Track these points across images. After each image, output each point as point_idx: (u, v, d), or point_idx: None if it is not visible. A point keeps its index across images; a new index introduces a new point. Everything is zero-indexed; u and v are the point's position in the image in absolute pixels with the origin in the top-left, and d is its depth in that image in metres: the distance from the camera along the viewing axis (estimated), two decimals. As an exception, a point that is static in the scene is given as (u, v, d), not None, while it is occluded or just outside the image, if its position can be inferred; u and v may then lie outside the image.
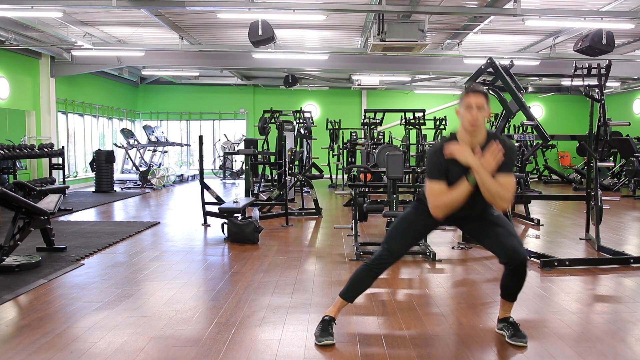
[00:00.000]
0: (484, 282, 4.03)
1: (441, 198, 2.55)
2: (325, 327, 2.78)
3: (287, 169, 7.30)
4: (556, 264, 4.38)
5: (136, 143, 12.98)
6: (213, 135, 15.97)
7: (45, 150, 9.37)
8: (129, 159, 13.20)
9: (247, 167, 7.57)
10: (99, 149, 11.36)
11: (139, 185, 12.08)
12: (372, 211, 5.25)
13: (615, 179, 11.63)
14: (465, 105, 2.53)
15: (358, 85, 14.01)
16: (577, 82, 5.45)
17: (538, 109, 16.12)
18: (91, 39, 9.69)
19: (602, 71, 5.20)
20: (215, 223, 6.42)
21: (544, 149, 13.69)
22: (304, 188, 8.77)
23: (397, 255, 2.76)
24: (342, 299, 2.84)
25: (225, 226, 5.64)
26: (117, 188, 11.50)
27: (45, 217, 4.63)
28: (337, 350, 2.66)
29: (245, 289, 3.75)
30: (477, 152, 2.54)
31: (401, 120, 11.57)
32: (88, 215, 7.61)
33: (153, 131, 13.32)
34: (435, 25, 8.92)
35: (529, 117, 4.75)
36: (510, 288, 2.75)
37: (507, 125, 5.73)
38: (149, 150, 13.25)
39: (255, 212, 6.34)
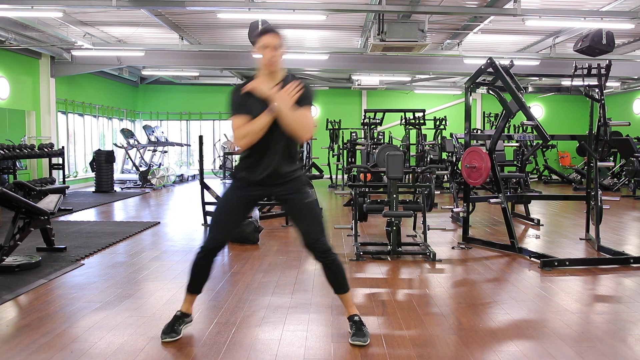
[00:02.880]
0: (484, 282, 4.03)
1: (243, 128, 2.60)
2: (173, 323, 2.81)
3: (287, 169, 7.28)
4: (556, 264, 4.38)
5: (136, 143, 12.97)
6: (213, 135, 15.98)
7: (45, 150, 9.37)
8: (129, 159, 13.20)
9: (247, 167, 7.55)
10: (99, 149, 11.35)
11: (139, 185, 12.08)
12: (372, 211, 5.24)
13: (615, 179, 11.63)
14: (261, 46, 2.60)
15: (358, 85, 14.01)
16: (577, 82, 5.45)
17: (538, 109, 16.12)
18: (91, 39, 9.69)
19: (602, 71, 5.20)
20: (215, 223, 6.41)
21: (544, 149, 13.69)
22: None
23: (221, 239, 2.74)
24: (190, 293, 2.86)
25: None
26: (117, 188, 11.50)
27: (45, 217, 4.63)
28: (337, 350, 2.66)
29: (245, 289, 3.75)
30: (276, 89, 2.63)
31: (401, 120, 11.57)
32: (88, 215, 7.61)
33: (153, 131, 13.32)
34: (435, 25, 8.92)
35: (529, 117, 4.75)
36: (330, 280, 2.81)
37: (507, 125, 5.73)
38: (149, 150, 13.24)
39: (255, 212, 6.34)
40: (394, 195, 4.77)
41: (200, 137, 6.82)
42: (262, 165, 2.68)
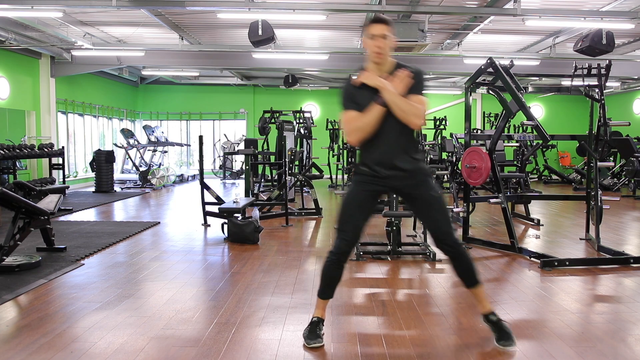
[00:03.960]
0: (484, 282, 4.01)
1: (354, 122, 2.56)
2: (314, 328, 2.75)
3: (287, 169, 7.30)
4: (556, 264, 4.38)
5: (136, 143, 12.98)
6: (213, 135, 15.98)
7: (45, 150, 9.37)
8: (129, 159, 13.20)
9: (247, 167, 7.58)
10: (99, 149, 11.35)
11: (139, 185, 12.08)
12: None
13: (615, 179, 11.63)
14: (370, 35, 2.56)
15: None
16: (577, 82, 5.45)
17: (538, 109, 16.12)
18: (91, 39, 9.69)
19: (602, 71, 5.19)
20: (215, 223, 6.42)
21: (544, 149, 13.69)
22: (304, 188, 8.77)
23: (353, 239, 2.69)
24: (321, 298, 2.80)
25: (225, 226, 5.64)
26: (117, 188, 11.50)
27: (45, 217, 4.63)
28: (337, 350, 2.66)
29: (245, 289, 3.75)
30: (386, 78, 2.59)
31: (401, 120, 11.54)
32: (88, 215, 7.61)
33: (153, 131, 13.33)
34: (435, 25, 8.92)
35: (529, 117, 4.74)
36: (460, 273, 2.74)
37: (507, 125, 5.73)
38: (149, 150, 13.25)
39: (255, 212, 6.34)
40: (394, 195, 4.76)
41: (200, 137, 6.82)
42: (382, 158, 2.62)
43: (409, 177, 2.64)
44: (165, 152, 14.09)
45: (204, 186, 6.69)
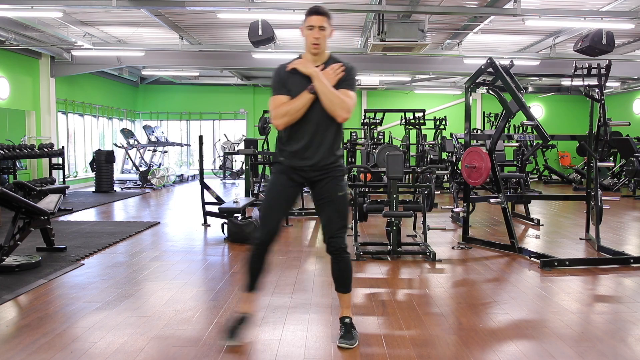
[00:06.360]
0: (484, 282, 4.03)
1: (282, 107, 2.60)
2: (236, 325, 2.71)
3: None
4: (556, 264, 4.38)
5: (136, 143, 12.97)
6: (213, 135, 15.97)
7: (45, 150, 9.37)
8: (129, 159, 13.20)
9: (247, 167, 7.57)
10: (99, 149, 11.35)
11: (139, 185, 12.08)
12: (372, 211, 5.24)
13: (615, 179, 11.63)
14: (307, 25, 2.63)
15: (358, 85, 13.99)
16: (577, 82, 5.45)
17: (538, 109, 16.12)
18: (91, 39, 9.69)
19: (602, 71, 5.20)
20: (215, 223, 6.42)
21: (544, 149, 13.68)
22: (304, 188, 8.75)
23: (274, 230, 2.69)
24: (247, 292, 2.77)
25: (225, 226, 5.65)
26: (117, 188, 11.50)
27: (45, 217, 4.63)
28: (337, 350, 2.66)
29: (245, 289, 3.75)
30: (320, 69, 2.63)
31: (401, 120, 11.57)
32: (88, 215, 7.61)
33: (153, 131, 13.33)
34: (435, 25, 8.92)
35: (529, 117, 4.74)
36: (335, 275, 2.75)
37: (507, 125, 5.73)
38: (149, 150, 13.24)
39: (255, 212, 6.34)
40: (394, 195, 4.77)
41: (200, 137, 6.82)
42: (302, 149, 2.64)
43: (324, 170, 2.67)
44: (165, 152, 14.08)
45: (204, 186, 6.69)
